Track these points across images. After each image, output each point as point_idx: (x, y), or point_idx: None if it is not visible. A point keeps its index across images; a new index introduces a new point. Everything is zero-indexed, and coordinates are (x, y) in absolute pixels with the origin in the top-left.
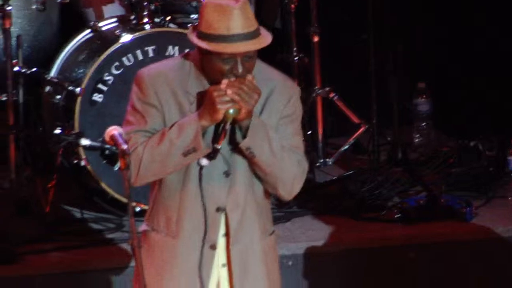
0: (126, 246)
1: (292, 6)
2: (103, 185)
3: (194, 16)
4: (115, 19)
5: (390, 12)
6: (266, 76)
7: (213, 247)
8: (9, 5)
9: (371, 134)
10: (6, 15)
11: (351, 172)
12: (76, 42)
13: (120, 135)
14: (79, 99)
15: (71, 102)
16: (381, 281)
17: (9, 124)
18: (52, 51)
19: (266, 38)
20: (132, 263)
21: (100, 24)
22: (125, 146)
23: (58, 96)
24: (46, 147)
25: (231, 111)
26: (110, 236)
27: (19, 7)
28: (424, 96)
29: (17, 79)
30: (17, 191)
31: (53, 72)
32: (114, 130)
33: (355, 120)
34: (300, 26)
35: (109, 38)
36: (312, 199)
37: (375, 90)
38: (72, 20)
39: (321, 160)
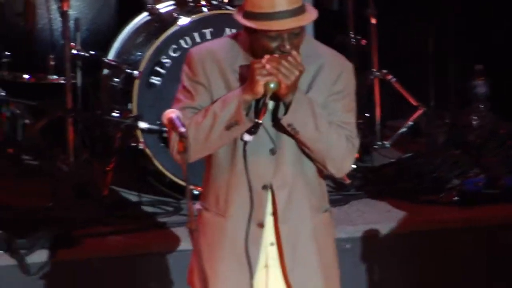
0: (183, 230)
1: None
2: (161, 168)
3: None
4: (172, 2)
5: None
6: (315, 52)
7: (261, 225)
8: None
9: (428, 116)
10: None
11: (408, 154)
12: (134, 25)
13: (178, 118)
14: (137, 82)
15: (129, 85)
16: (439, 263)
17: (67, 107)
18: (110, 34)
19: (311, 15)
20: (189, 247)
21: (158, 6)
22: (183, 129)
23: (116, 79)
24: (104, 130)
25: (272, 85)
26: (167, 219)
27: None
28: (482, 78)
29: (75, 62)
30: (75, 175)
31: (111, 55)
32: (171, 112)
33: (413, 102)
34: (357, 7)
35: (167, 20)
36: (370, 182)
37: (433, 72)
38: (130, 2)
39: (379, 143)
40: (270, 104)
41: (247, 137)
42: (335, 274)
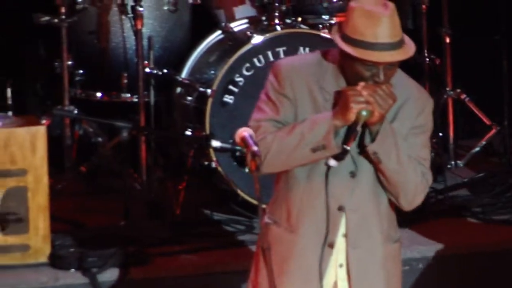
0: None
1: (424, 6)
2: (234, 186)
3: (325, 17)
4: (246, 20)
5: None
6: (403, 84)
7: (331, 245)
8: (141, 6)
9: (502, 136)
10: (138, 16)
11: (482, 174)
12: (207, 43)
13: (251, 136)
14: (210, 100)
15: (202, 103)
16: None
17: (140, 126)
18: (183, 52)
19: (410, 48)
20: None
21: (231, 25)
22: (255, 148)
23: (189, 98)
24: (177, 148)
25: (364, 112)
26: (240, 238)
27: (151, 8)
28: None
29: (149, 80)
30: (148, 193)
31: (184, 73)
32: (244, 131)
33: (487, 121)
34: (431, 26)
35: (240, 39)
36: (443, 202)
37: (507, 91)
38: (203, 21)
39: (452, 162)
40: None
41: (332, 163)
42: None
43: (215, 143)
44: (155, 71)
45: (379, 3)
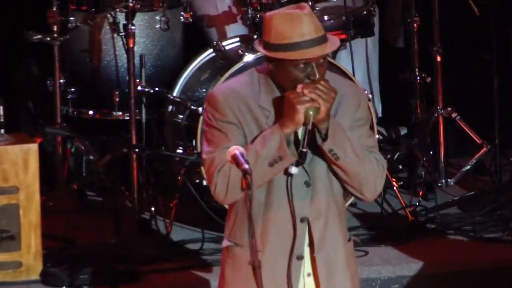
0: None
1: (415, 25)
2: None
3: None
4: (237, 39)
5: None
6: (335, 82)
7: (300, 257)
8: (133, 25)
9: (493, 155)
10: (130, 35)
11: (473, 192)
12: (199, 62)
13: (242, 154)
14: (201, 118)
15: (193, 121)
16: None
17: (131, 144)
18: (175, 71)
19: (335, 41)
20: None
21: (223, 43)
22: (246, 166)
23: (181, 116)
24: (168, 166)
25: (311, 111)
26: None
27: (143, 26)
28: None
29: (140, 98)
30: (139, 211)
31: (175, 92)
32: (235, 149)
33: (478, 140)
34: (423, 45)
35: (232, 57)
36: (433, 220)
37: (498, 110)
38: (195, 39)
39: (443, 180)
40: (299, 135)
41: (294, 170)
42: None
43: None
44: (147, 89)
45: (294, 7)
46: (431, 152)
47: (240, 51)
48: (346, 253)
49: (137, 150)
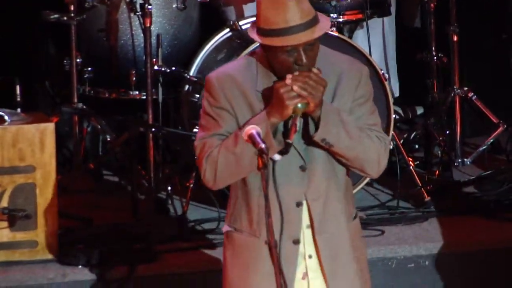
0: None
1: (432, 5)
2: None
3: (333, 15)
4: (254, 18)
5: None
6: (333, 61)
7: (296, 241)
8: (150, 4)
9: (509, 134)
10: (146, 14)
11: (489, 172)
12: (216, 41)
13: (258, 134)
14: None
15: None
16: None
17: (148, 123)
18: (191, 50)
19: (325, 25)
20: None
21: (240, 23)
22: (263, 145)
23: (197, 95)
24: (185, 146)
25: (299, 105)
26: None
27: (159, 6)
28: None
29: (157, 78)
30: (156, 190)
31: (192, 71)
32: (252, 129)
33: (494, 120)
34: (439, 25)
35: (249, 37)
36: (450, 199)
37: None
38: (212, 19)
39: (459, 160)
40: (298, 122)
41: (277, 157)
42: (368, 278)
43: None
44: (164, 69)
45: None
46: (448, 132)
47: None
48: (350, 232)
49: (153, 129)
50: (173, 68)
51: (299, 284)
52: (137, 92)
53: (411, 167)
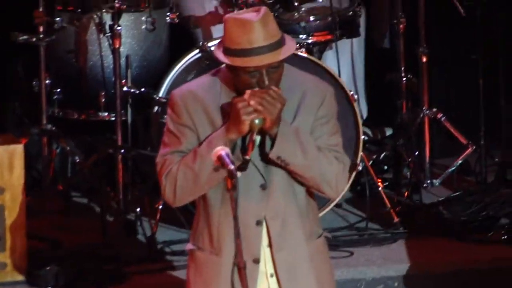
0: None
1: (401, 26)
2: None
3: (302, 36)
4: None
5: (501, 31)
6: (298, 80)
7: (256, 261)
8: (119, 25)
9: (479, 155)
10: (116, 35)
11: (458, 193)
12: (185, 62)
13: (227, 155)
14: None
15: None
16: None
17: (117, 144)
18: (161, 71)
19: (289, 48)
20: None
21: (209, 44)
22: (232, 167)
23: (166, 116)
24: (154, 167)
25: (256, 121)
26: None
27: (129, 27)
28: None
29: (126, 99)
30: (125, 211)
31: (161, 92)
32: (221, 150)
33: (463, 140)
34: (409, 46)
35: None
36: (419, 220)
37: (484, 110)
38: (181, 40)
39: (428, 181)
40: (257, 139)
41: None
42: None
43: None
44: (133, 90)
45: (252, 10)
46: (417, 153)
47: None
48: (310, 251)
49: (122, 150)
50: (143, 89)
51: None
52: (106, 113)
53: (380, 188)
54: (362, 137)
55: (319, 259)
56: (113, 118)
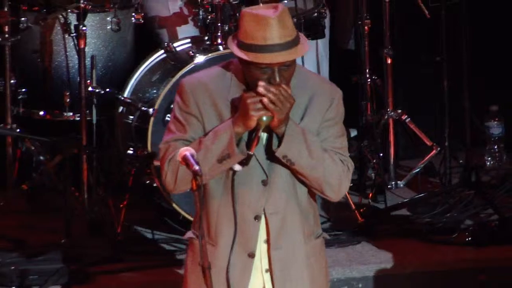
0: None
1: (366, 28)
2: (175, 205)
3: None
4: (188, 40)
5: (465, 33)
6: (307, 81)
7: (251, 255)
8: (84, 26)
9: (443, 157)
10: (81, 35)
11: (422, 194)
12: (150, 63)
13: (192, 156)
14: (152, 119)
15: (144, 122)
16: None
17: (82, 144)
18: (126, 72)
19: (303, 47)
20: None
21: (174, 44)
22: (197, 167)
23: (131, 117)
24: (118, 167)
25: (264, 118)
26: (180, 257)
27: (94, 27)
28: (497, 118)
29: (91, 99)
30: (89, 211)
31: (126, 93)
32: (186, 151)
33: (427, 142)
34: (373, 47)
35: (183, 58)
36: (383, 221)
37: (448, 112)
38: (146, 40)
39: (393, 183)
40: (263, 135)
41: (237, 167)
42: None
43: (157, 162)
44: (98, 90)
45: (270, 6)
46: (381, 154)
47: (191, 52)
48: (307, 251)
49: (87, 151)
50: (107, 90)
51: None
52: (71, 113)
53: None
54: None
55: (316, 260)
56: (78, 118)
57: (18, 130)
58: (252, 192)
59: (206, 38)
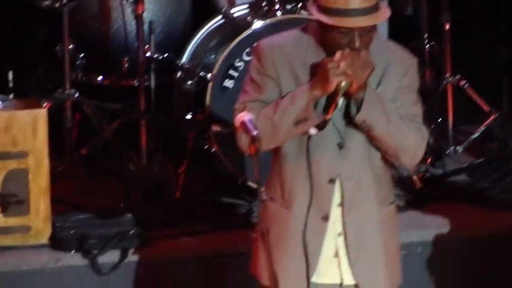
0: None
1: None
2: (233, 170)
3: None
4: (246, 6)
5: None
6: (384, 48)
7: (325, 218)
8: None
9: (501, 122)
10: (138, 1)
11: (481, 160)
12: (208, 29)
13: (250, 121)
14: (210, 85)
15: (202, 88)
16: (510, 269)
17: (140, 110)
18: (184, 37)
19: (384, 13)
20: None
21: (232, 10)
22: (255, 132)
23: (189, 82)
24: (177, 132)
25: (343, 83)
26: (239, 221)
27: None
28: None
29: (149, 65)
30: (148, 176)
31: (184, 58)
32: (244, 116)
33: (486, 107)
34: (432, 13)
35: (241, 24)
36: (442, 186)
37: (506, 78)
38: (204, 6)
39: (451, 148)
40: (340, 100)
41: (313, 131)
42: (398, 269)
43: (215, 127)
44: (156, 56)
45: None
46: (440, 120)
47: (249, 18)
48: (380, 217)
49: (146, 116)
50: (166, 55)
51: (331, 262)
52: (129, 79)
53: None
54: None
55: (388, 226)
56: (136, 84)
57: (76, 95)
58: (328, 155)
59: (264, 4)
